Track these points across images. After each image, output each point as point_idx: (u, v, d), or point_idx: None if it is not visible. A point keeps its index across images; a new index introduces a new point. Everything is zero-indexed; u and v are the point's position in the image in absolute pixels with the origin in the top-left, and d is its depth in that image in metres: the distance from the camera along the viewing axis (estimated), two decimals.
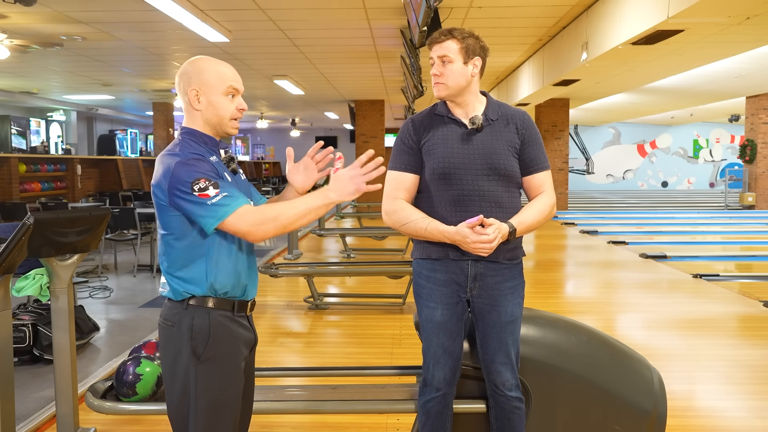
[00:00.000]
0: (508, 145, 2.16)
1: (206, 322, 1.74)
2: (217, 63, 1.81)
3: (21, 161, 10.08)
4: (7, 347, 2.42)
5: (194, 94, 1.78)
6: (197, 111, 1.79)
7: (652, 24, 5.40)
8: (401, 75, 10.93)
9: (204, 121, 1.80)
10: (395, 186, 2.20)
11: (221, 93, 1.78)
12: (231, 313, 1.78)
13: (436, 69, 2.14)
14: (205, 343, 1.73)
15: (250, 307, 1.86)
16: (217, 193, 1.67)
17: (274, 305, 5.64)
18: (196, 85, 1.78)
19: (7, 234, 3.76)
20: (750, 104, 15.15)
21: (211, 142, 1.81)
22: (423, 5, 4.60)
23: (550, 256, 8.64)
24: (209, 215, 1.67)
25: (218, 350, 1.75)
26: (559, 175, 14.97)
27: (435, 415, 2.19)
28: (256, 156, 26.15)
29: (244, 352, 1.82)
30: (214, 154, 1.80)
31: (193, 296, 1.75)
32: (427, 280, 2.17)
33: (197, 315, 1.74)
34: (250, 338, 1.87)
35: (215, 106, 1.78)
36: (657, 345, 4.43)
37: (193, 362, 1.73)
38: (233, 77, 1.81)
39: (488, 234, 2.02)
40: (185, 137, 1.79)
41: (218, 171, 1.74)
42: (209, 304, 1.75)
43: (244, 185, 1.90)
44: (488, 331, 2.16)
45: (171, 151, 1.75)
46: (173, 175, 1.68)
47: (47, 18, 6.90)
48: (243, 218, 1.68)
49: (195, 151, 1.74)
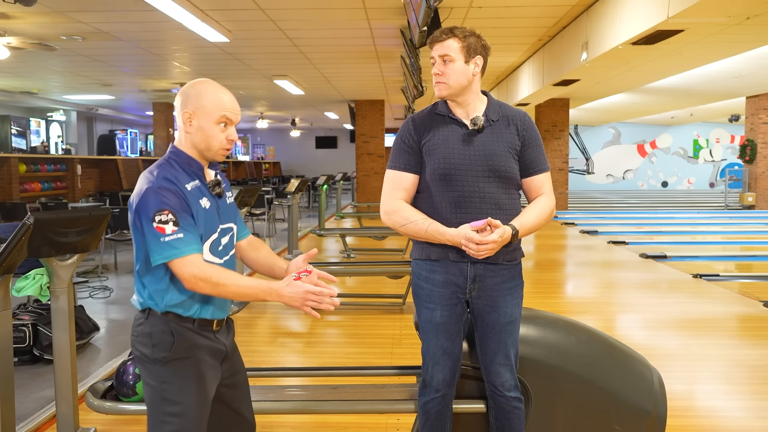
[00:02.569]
0: (508, 147, 2.15)
1: (164, 329, 1.77)
2: (218, 89, 1.81)
3: (21, 161, 10.08)
4: (7, 347, 2.42)
5: (187, 116, 1.78)
6: (188, 134, 1.80)
7: (652, 24, 5.40)
8: (401, 75, 10.93)
9: (192, 145, 1.80)
10: (394, 185, 2.19)
11: (213, 121, 1.78)
12: (191, 325, 1.80)
13: (437, 68, 2.13)
14: (164, 349, 1.76)
15: (215, 325, 1.85)
16: (174, 232, 1.68)
17: (274, 305, 5.64)
18: (192, 107, 1.78)
19: (7, 234, 3.76)
20: (750, 104, 15.15)
21: (196, 166, 1.81)
22: (423, 5, 4.60)
23: (550, 256, 8.64)
24: (158, 250, 1.68)
25: (180, 354, 1.77)
26: (559, 175, 14.96)
27: (435, 415, 2.19)
28: (256, 156, 26.14)
29: (209, 361, 1.82)
30: (196, 178, 1.80)
31: (149, 308, 1.79)
32: (426, 281, 2.17)
33: (155, 322, 1.78)
34: (218, 349, 1.86)
35: (205, 133, 1.78)
36: (657, 345, 4.43)
37: (155, 365, 1.77)
38: (230, 107, 1.80)
39: (494, 238, 2.01)
40: (171, 157, 1.80)
41: (189, 202, 1.74)
42: (165, 316, 1.78)
43: (229, 209, 1.90)
44: (487, 332, 2.16)
45: (151, 171, 1.77)
46: (141, 199, 1.71)
47: (47, 18, 6.90)
48: (187, 267, 1.69)
49: (171, 177, 1.74)
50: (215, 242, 1.83)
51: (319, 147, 26.06)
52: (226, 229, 1.88)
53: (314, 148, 26.09)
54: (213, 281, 1.70)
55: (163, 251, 1.68)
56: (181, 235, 1.69)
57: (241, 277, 1.76)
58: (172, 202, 1.70)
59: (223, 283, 1.70)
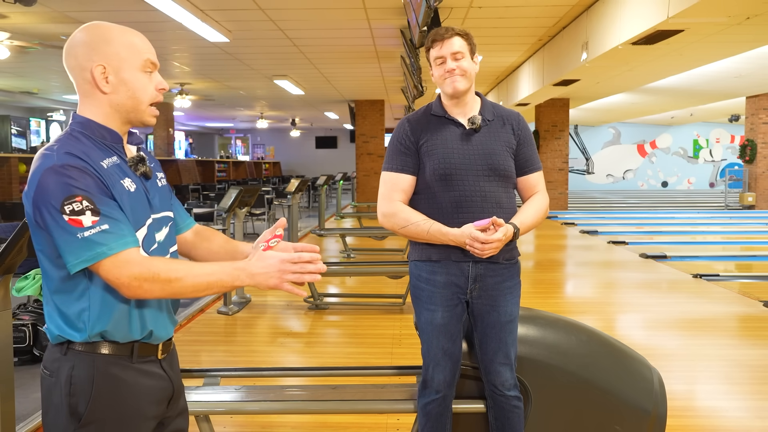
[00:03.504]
0: (506, 146, 2.17)
1: (89, 373, 1.32)
2: (126, 31, 1.40)
3: (21, 161, 10.08)
4: (7, 347, 2.42)
5: (100, 71, 1.34)
6: (103, 94, 1.36)
7: (652, 24, 5.40)
8: (401, 75, 10.93)
9: (112, 108, 1.37)
10: (392, 187, 2.17)
11: (137, 68, 1.37)
12: (128, 359, 1.36)
13: (450, 64, 2.12)
14: (87, 399, 1.31)
15: (161, 350, 1.42)
16: (95, 224, 1.24)
17: (274, 305, 5.64)
18: (102, 59, 1.35)
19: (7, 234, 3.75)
20: (750, 104, 15.15)
21: (112, 138, 1.37)
22: (423, 5, 4.60)
23: (550, 256, 8.64)
24: (75, 252, 1.24)
25: (106, 410, 1.33)
26: (559, 175, 14.96)
27: (435, 416, 2.18)
28: (256, 156, 26.14)
29: (152, 410, 1.39)
30: (114, 154, 1.37)
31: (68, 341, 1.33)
32: (427, 283, 2.16)
33: (78, 362, 1.32)
34: (164, 389, 1.43)
35: (130, 86, 1.36)
36: (657, 345, 4.43)
37: (72, 425, 1.32)
38: (149, 48, 1.41)
39: (498, 237, 2.02)
40: (75, 129, 1.35)
41: (107, 183, 1.31)
42: (94, 349, 1.33)
43: (162, 194, 1.48)
44: (488, 332, 2.16)
45: (50, 147, 1.32)
46: (40, 185, 1.26)
47: (47, 18, 6.90)
48: (123, 269, 1.25)
49: (78, 152, 1.30)
50: (148, 238, 1.39)
51: (319, 147, 26.06)
52: (161, 219, 1.45)
53: (314, 148, 26.09)
54: (163, 278, 1.27)
55: (83, 252, 1.24)
56: (106, 225, 1.25)
57: (196, 264, 1.35)
58: (84, 184, 1.26)
59: (176, 277, 1.28)
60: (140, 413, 1.37)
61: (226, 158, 21.89)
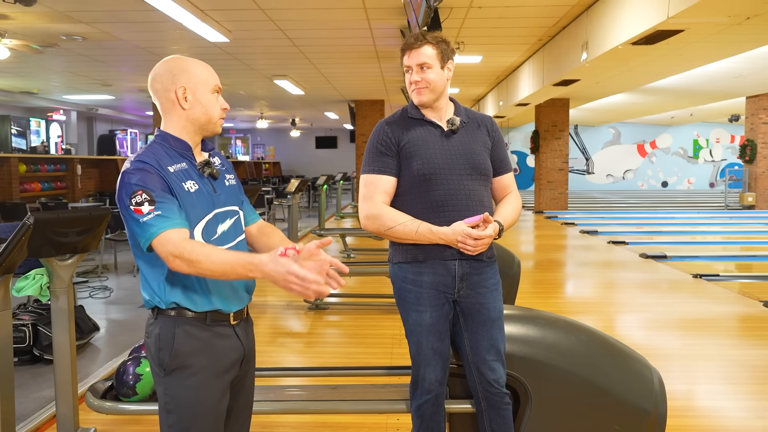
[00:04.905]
0: (483, 146, 2.22)
1: (171, 333, 1.66)
2: (197, 62, 1.75)
3: (21, 161, 10.08)
4: (7, 347, 2.42)
5: (182, 92, 1.69)
6: (183, 110, 1.71)
7: (652, 24, 5.40)
8: (401, 75, 10.93)
9: (189, 122, 1.72)
10: (373, 189, 2.16)
11: (209, 91, 1.72)
12: (203, 322, 1.68)
13: (415, 75, 2.14)
14: (169, 354, 1.65)
15: (233, 317, 1.74)
16: (151, 211, 1.57)
17: (274, 305, 5.64)
18: (184, 82, 1.69)
19: (7, 234, 3.76)
20: (750, 104, 15.15)
21: (182, 147, 1.72)
22: (423, 5, 4.60)
23: (550, 256, 8.64)
24: (141, 233, 1.59)
25: (185, 362, 1.66)
26: (559, 175, 14.96)
27: (429, 416, 2.18)
28: (256, 156, 26.12)
29: (224, 364, 1.71)
30: (183, 161, 1.70)
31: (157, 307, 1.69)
32: (413, 284, 2.15)
33: (164, 325, 1.67)
34: (235, 349, 1.74)
35: (204, 105, 1.71)
36: (657, 345, 4.43)
37: (160, 373, 1.67)
38: (215, 76, 1.77)
39: (489, 233, 2.07)
40: (155, 141, 1.71)
41: (170, 183, 1.63)
42: (172, 314, 1.67)
43: (229, 192, 1.79)
44: (478, 330, 2.16)
45: (130, 158, 1.68)
46: (120, 186, 1.62)
47: (47, 18, 6.90)
48: (163, 246, 1.56)
49: (149, 159, 1.64)
50: (209, 227, 1.69)
51: (319, 147, 26.05)
52: (225, 212, 1.75)
53: (314, 148, 26.08)
54: (186, 257, 1.54)
55: (144, 233, 1.57)
56: (159, 212, 1.57)
57: (217, 250, 1.59)
58: (147, 182, 1.59)
59: (195, 258, 1.54)
60: (214, 366, 1.68)
61: (226, 158, 21.87)
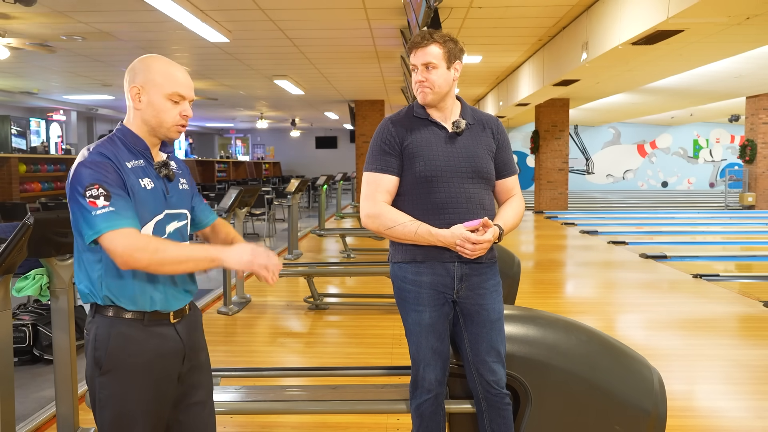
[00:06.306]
0: (487, 149, 2.20)
1: (107, 333, 1.64)
2: (170, 65, 1.71)
3: (21, 161, 10.08)
4: (7, 347, 2.42)
5: (135, 91, 1.68)
6: (138, 110, 1.69)
7: (652, 24, 5.40)
8: (401, 75, 10.93)
9: (142, 121, 1.70)
10: (375, 188, 2.16)
11: (164, 95, 1.68)
12: (141, 323, 1.66)
13: (420, 75, 2.14)
14: (105, 354, 1.64)
15: (173, 316, 1.72)
16: (105, 206, 1.56)
17: (274, 305, 5.64)
18: (140, 82, 1.68)
19: (7, 234, 3.75)
20: (750, 104, 15.15)
21: (141, 145, 1.70)
22: (423, 5, 4.60)
23: (550, 256, 8.64)
24: (89, 226, 1.57)
25: (121, 363, 1.64)
26: (559, 175, 14.96)
27: (429, 416, 2.18)
28: (256, 156, 26.13)
29: (163, 363, 1.69)
30: (141, 158, 1.70)
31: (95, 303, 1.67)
32: (413, 284, 2.16)
33: (101, 325, 1.65)
34: (175, 347, 1.71)
35: (155, 108, 1.68)
36: (657, 345, 4.43)
37: (96, 373, 1.66)
38: (183, 83, 1.70)
39: (488, 237, 2.06)
40: (115, 134, 1.71)
41: (125, 179, 1.63)
42: (110, 313, 1.65)
43: (181, 195, 1.78)
44: (478, 331, 2.16)
45: (89, 147, 1.67)
46: (74, 175, 1.61)
47: (47, 18, 6.90)
48: (118, 240, 1.55)
49: (108, 152, 1.64)
50: (159, 226, 1.69)
51: (319, 147, 26.06)
52: (175, 214, 1.75)
53: (314, 148, 26.08)
54: (152, 248, 1.56)
55: (92, 227, 1.56)
56: (113, 208, 1.57)
57: (182, 245, 1.63)
58: (104, 177, 1.59)
59: (162, 248, 1.57)
60: (150, 366, 1.66)
61: (226, 158, 21.91)
